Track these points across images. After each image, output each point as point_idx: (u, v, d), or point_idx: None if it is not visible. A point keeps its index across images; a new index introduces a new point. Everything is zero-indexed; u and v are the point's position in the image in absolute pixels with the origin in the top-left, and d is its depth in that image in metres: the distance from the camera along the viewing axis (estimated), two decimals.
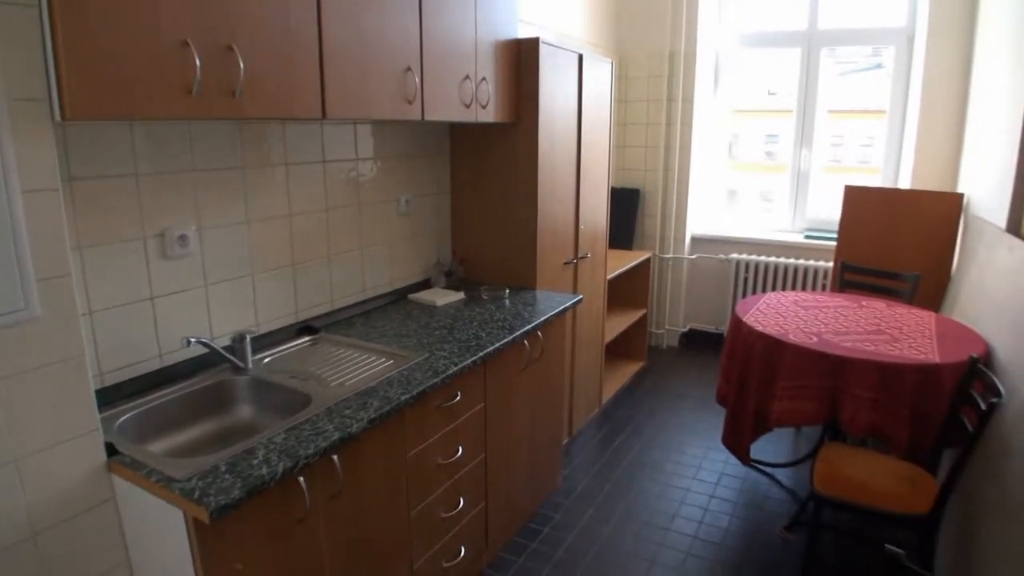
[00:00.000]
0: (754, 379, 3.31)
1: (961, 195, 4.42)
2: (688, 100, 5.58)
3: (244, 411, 2.44)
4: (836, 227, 5.57)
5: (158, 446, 2.24)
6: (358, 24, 2.49)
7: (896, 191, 4.63)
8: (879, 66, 5.37)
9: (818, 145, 5.58)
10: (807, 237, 5.57)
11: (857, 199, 4.72)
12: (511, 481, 3.23)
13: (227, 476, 1.92)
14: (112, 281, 2.29)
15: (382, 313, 3.23)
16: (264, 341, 2.78)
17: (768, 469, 4.10)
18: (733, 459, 4.19)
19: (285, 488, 2.03)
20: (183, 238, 2.45)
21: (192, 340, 2.36)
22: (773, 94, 5.79)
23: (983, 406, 2.64)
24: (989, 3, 4.30)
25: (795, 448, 4.38)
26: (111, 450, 2.03)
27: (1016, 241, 3.17)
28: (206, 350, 2.53)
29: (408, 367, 2.59)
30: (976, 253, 3.82)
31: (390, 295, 3.41)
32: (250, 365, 2.55)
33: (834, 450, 3.12)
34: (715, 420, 4.68)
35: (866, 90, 5.44)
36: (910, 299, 4.25)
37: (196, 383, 2.43)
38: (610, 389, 5.07)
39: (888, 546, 1.76)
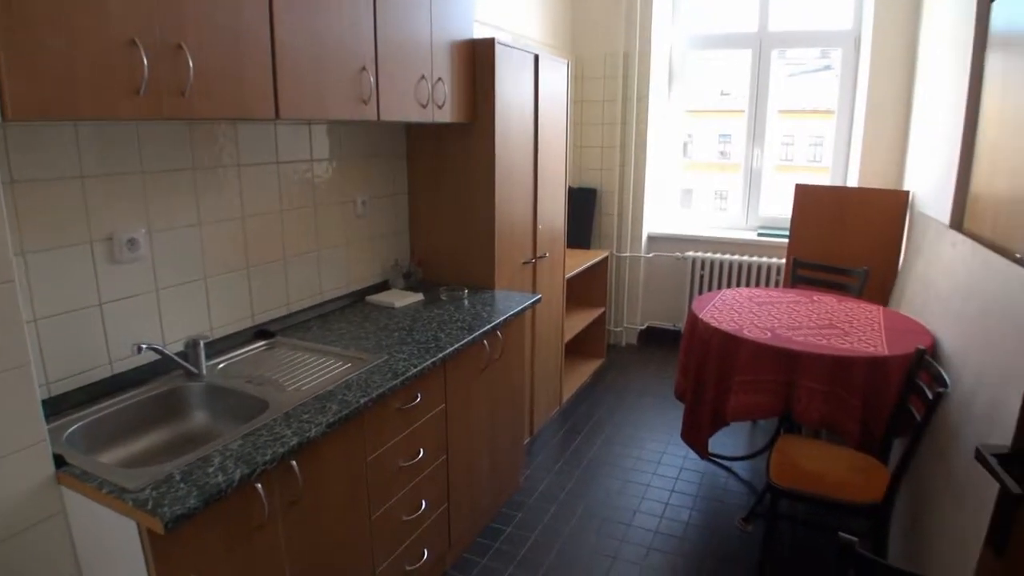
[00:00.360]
0: (711, 374, 3.30)
1: (907, 192, 4.47)
2: (643, 100, 5.58)
3: (199, 418, 2.36)
4: (788, 224, 5.61)
5: (109, 456, 2.16)
6: (311, 23, 2.42)
7: (845, 189, 4.68)
8: (828, 68, 5.43)
9: (769, 145, 5.62)
10: (760, 235, 5.60)
11: (807, 197, 4.75)
12: (473, 482, 3.18)
13: (182, 485, 1.84)
14: (58, 287, 2.19)
15: (340, 316, 3.16)
16: (218, 346, 2.69)
17: (726, 463, 4.11)
18: (692, 454, 4.19)
19: (242, 495, 1.96)
20: (132, 242, 2.36)
21: (143, 346, 2.27)
22: (726, 95, 5.82)
23: (930, 396, 2.67)
24: (932, 7, 4.36)
25: (752, 441, 4.39)
26: (60, 461, 1.94)
27: (959, 236, 3.21)
28: (158, 356, 2.45)
29: (367, 369, 2.53)
30: (921, 248, 3.87)
31: (347, 297, 3.34)
32: (204, 371, 2.47)
33: (789, 442, 3.13)
34: (674, 415, 4.69)
35: (815, 91, 5.49)
36: (859, 293, 4.29)
37: (148, 391, 2.35)
38: (570, 387, 5.05)
39: (842, 534, 1.76)
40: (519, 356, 3.45)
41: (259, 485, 1.98)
